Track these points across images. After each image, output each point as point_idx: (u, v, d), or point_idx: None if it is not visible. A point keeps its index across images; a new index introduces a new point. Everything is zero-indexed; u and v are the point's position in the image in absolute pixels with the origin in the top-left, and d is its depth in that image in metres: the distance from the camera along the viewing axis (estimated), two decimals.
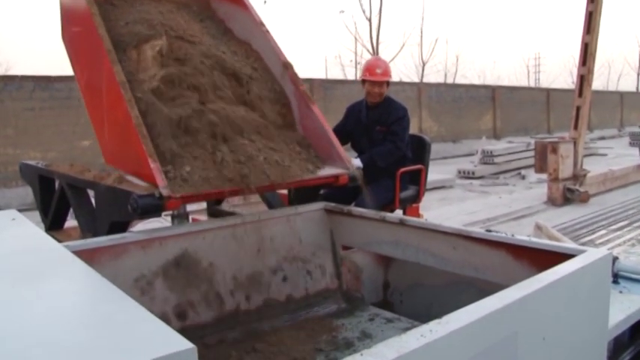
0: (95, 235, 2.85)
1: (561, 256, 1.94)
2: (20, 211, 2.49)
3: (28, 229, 1.93)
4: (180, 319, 2.44)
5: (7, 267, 1.34)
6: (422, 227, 2.51)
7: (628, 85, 44.68)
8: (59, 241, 3.39)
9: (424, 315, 2.28)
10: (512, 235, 2.22)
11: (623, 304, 2.66)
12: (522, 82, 48.92)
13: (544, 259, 2.00)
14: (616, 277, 3.01)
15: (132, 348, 0.87)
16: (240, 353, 2.42)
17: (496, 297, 1.47)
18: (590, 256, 1.86)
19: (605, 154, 20.18)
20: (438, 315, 1.33)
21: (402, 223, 2.58)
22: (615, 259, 3.06)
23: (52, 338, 0.93)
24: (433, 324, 1.30)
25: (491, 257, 2.24)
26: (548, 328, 1.62)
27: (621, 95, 39.16)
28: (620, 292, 2.84)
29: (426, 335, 1.23)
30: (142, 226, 4.90)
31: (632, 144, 20.10)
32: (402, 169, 4.45)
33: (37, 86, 12.83)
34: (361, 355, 1.15)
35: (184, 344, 0.86)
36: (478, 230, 2.33)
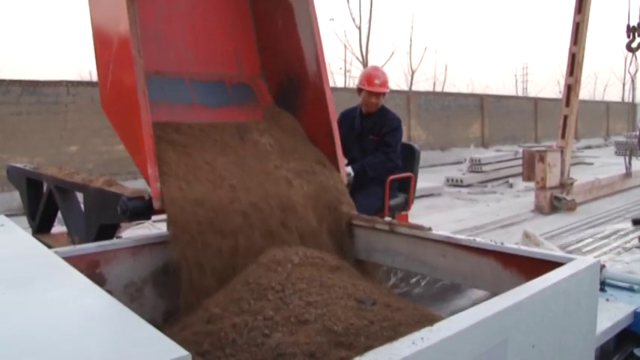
0: (83, 238, 2.85)
1: (550, 264, 1.96)
2: (6, 216, 2.47)
3: (18, 235, 1.91)
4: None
5: None
6: (411, 235, 2.52)
7: (614, 95, 45.18)
8: (47, 245, 3.40)
9: None
10: (502, 244, 2.24)
11: (610, 311, 2.70)
12: (510, 91, 49.30)
13: (533, 267, 2.02)
14: (603, 285, 3.04)
15: (126, 355, 0.87)
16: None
17: (487, 305, 1.48)
18: (579, 264, 1.88)
19: (591, 163, 20.34)
20: None
21: (391, 230, 2.59)
22: (602, 267, 3.09)
23: (45, 345, 0.92)
24: (425, 331, 1.30)
25: (480, 265, 2.25)
26: (537, 335, 1.63)
27: (607, 105, 39.56)
28: (607, 299, 2.87)
29: (417, 343, 1.24)
30: (129, 233, 4.89)
31: (617, 153, 20.27)
32: (392, 177, 4.47)
33: (25, 91, 12.75)
34: None
35: (179, 351, 0.86)
36: (467, 238, 2.34)
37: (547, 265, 1.96)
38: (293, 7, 3.14)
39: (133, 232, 5.08)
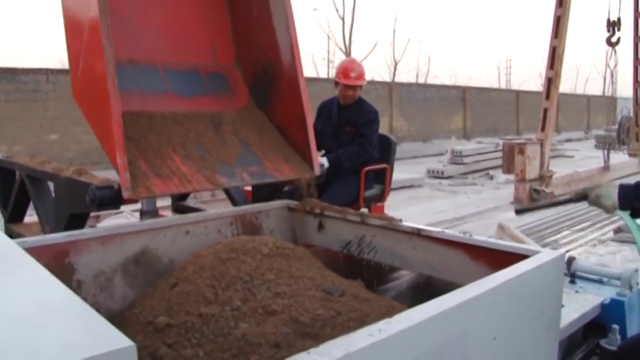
0: (54, 227, 2.83)
1: (516, 257, 1.97)
2: None
3: None
4: None
5: None
6: (382, 226, 2.53)
7: (595, 88, 45.58)
8: (19, 234, 3.37)
9: None
10: (470, 235, 2.25)
11: (578, 303, 2.73)
12: (493, 83, 49.54)
13: (500, 259, 2.03)
14: (573, 278, 3.07)
15: (68, 345, 0.87)
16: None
17: (447, 297, 1.49)
18: (544, 256, 1.89)
19: (571, 156, 20.55)
20: None
21: (362, 221, 2.59)
22: (572, 259, 3.13)
23: None
24: (382, 323, 1.31)
25: (449, 257, 2.26)
26: (499, 327, 1.65)
27: (588, 99, 39.96)
28: (577, 291, 2.91)
29: (374, 334, 1.24)
30: (107, 222, 4.86)
31: (597, 146, 20.51)
32: (367, 168, 4.48)
33: (3, 78, 12.61)
34: (308, 353, 1.16)
35: (124, 342, 0.86)
36: (437, 230, 2.35)
37: (513, 257, 1.98)
38: None
39: (112, 222, 5.05)
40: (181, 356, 1.82)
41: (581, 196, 2.51)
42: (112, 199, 2.38)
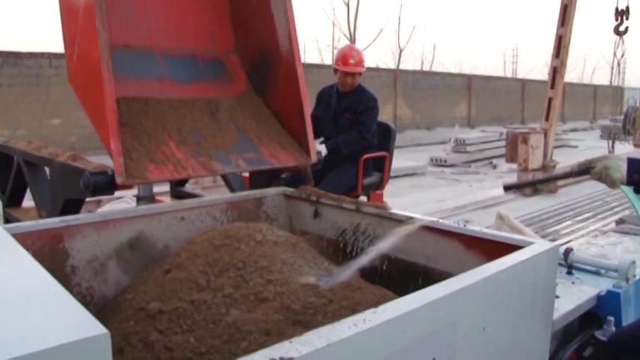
0: (50, 212, 2.82)
1: (511, 247, 1.96)
2: None
3: None
4: None
5: None
6: (377, 215, 2.52)
7: (602, 78, 45.34)
8: (16, 218, 3.37)
9: None
10: (465, 225, 2.24)
11: (574, 294, 2.71)
12: (499, 72, 49.30)
13: (494, 249, 2.02)
14: (570, 269, 3.05)
15: (43, 331, 0.86)
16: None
17: (436, 287, 1.48)
18: (537, 247, 1.88)
19: (576, 146, 20.47)
20: None
21: (357, 209, 2.58)
22: (570, 250, 3.11)
23: None
24: (368, 313, 1.30)
25: (443, 246, 2.26)
26: (489, 318, 1.64)
27: (595, 88, 39.74)
28: (573, 282, 2.89)
29: (358, 324, 1.23)
30: (108, 208, 4.86)
31: (602, 137, 20.42)
32: (366, 156, 4.46)
33: (6, 62, 12.59)
34: (290, 342, 1.15)
35: (98, 329, 0.86)
36: (431, 219, 2.34)
37: (507, 247, 1.97)
38: None
39: (113, 207, 5.05)
40: (172, 342, 1.83)
41: (585, 169, 2.38)
42: (106, 185, 2.38)
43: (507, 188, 2.46)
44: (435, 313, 1.41)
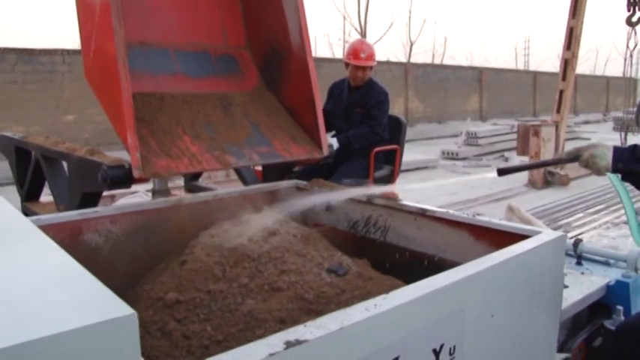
0: (68, 206, 2.89)
1: (519, 237, 2.00)
2: (3, 185, 2.52)
3: None
4: None
5: None
6: (388, 206, 2.56)
7: (615, 70, 44.96)
8: (34, 212, 3.45)
9: None
10: (474, 216, 2.28)
11: (583, 284, 2.75)
12: (510, 64, 49.04)
13: (502, 239, 2.06)
14: (580, 259, 3.09)
15: (72, 312, 0.92)
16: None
17: (445, 274, 1.53)
18: (544, 237, 1.92)
19: (588, 139, 20.35)
20: None
21: (369, 202, 2.63)
22: (579, 241, 3.14)
23: (9, 301, 0.97)
24: (379, 299, 1.35)
25: (452, 237, 2.30)
26: (497, 305, 1.68)
27: (607, 80, 39.42)
28: (582, 273, 2.93)
29: (370, 309, 1.28)
30: (123, 202, 4.94)
31: (615, 129, 20.29)
32: (377, 149, 4.51)
33: (20, 59, 12.72)
34: (304, 326, 1.20)
35: (126, 310, 0.91)
36: (441, 210, 2.38)
37: (516, 237, 2.01)
38: None
39: (128, 201, 5.13)
40: (190, 330, 1.88)
41: (574, 156, 2.46)
42: (124, 179, 2.44)
43: (501, 172, 2.50)
44: (443, 299, 1.46)
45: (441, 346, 1.47)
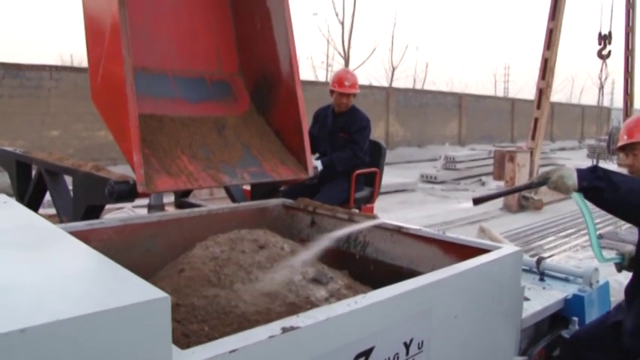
0: (71, 217, 3.10)
1: (482, 251, 2.27)
2: None
3: (20, 210, 2.17)
4: None
5: (6, 240, 1.60)
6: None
7: (590, 99, 45.99)
8: None
9: None
10: (444, 233, 2.55)
11: (544, 297, 3.04)
12: (489, 91, 49.89)
13: (468, 253, 2.32)
14: (542, 276, 3.38)
15: (111, 296, 1.12)
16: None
17: (415, 280, 1.79)
18: (503, 251, 2.20)
19: (562, 165, 20.78)
20: None
21: (350, 219, 2.89)
22: (542, 259, 3.44)
23: (54, 291, 1.18)
24: (359, 297, 1.61)
25: (425, 251, 2.56)
26: (460, 308, 1.94)
27: (583, 108, 40.28)
28: (544, 287, 3.22)
29: (351, 305, 1.54)
30: (111, 216, 5.13)
31: (589, 156, 20.85)
32: (358, 171, 4.79)
33: (7, 74, 12.84)
34: (297, 316, 1.45)
35: (159, 293, 1.14)
36: (415, 227, 2.65)
37: (480, 251, 2.28)
38: (270, 11, 3.41)
39: (115, 216, 5.33)
40: (189, 330, 2.10)
41: (543, 179, 2.64)
42: (128, 193, 2.67)
43: (477, 201, 2.72)
44: (413, 300, 1.73)
45: (411, 340, 1.73)
